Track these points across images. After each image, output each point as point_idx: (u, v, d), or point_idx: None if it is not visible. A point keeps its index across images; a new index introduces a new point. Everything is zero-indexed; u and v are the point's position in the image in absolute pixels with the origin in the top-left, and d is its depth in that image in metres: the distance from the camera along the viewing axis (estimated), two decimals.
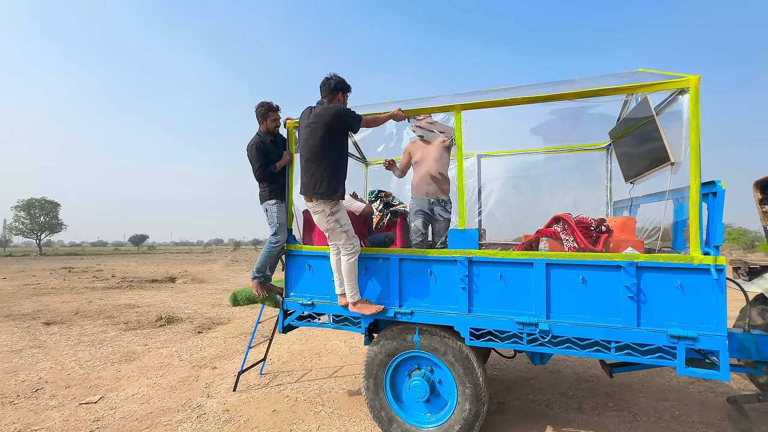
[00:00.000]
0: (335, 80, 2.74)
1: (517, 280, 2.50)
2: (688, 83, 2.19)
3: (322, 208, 2.69)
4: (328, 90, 2.75)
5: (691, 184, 2.17)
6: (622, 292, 2.27)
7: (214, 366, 4.60)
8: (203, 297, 10.13)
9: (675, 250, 2.54)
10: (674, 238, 2.66)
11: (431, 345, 2.70)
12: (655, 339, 2.19)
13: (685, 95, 2.27)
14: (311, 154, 2.67)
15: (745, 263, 3.18)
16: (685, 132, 2.35)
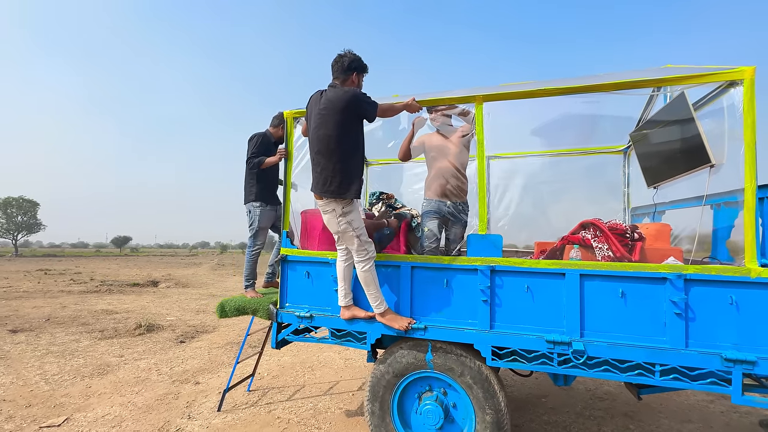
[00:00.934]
0: (349, 58, 2.40)
1: (546, 292, 2.21)
2: (741, 75, 1.96)
3: (332, 207, 2.35)
4: (341, 69, 2.40)
5: (746, 187, 1.93)
6: (667, 308, 2.01)
7: (197, 381, 4.20)
8: (187, 303, 9.62)
9: (719, 261, 2.30)
10: (714, 247, 2.42)
11: (446, 364, 2.39)
12: (707, 362, 1.93)
13: (735, 89, 2.04)
14: (321, 145, 2.33)
15: None
16: (729, 130, 2.12)
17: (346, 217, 2.35)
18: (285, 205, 2.78)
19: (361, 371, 4.55)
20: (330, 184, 2.31)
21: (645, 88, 2.16)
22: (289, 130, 2.80)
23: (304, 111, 2.76)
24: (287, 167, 2.79)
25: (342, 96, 2.29)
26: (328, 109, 2.31)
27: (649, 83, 2.14)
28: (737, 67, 1.98)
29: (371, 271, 2.37)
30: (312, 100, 2.48)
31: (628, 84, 2.17)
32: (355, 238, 2.37)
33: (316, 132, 2.36)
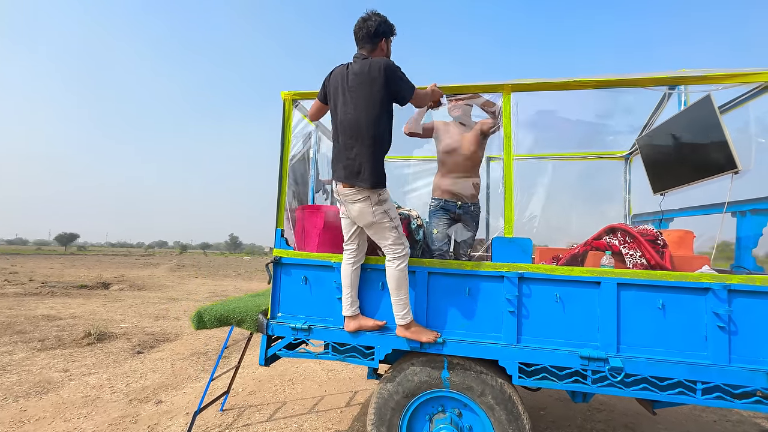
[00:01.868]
0: (375, 20, 2.04)
1: (578, 303, 2.02)
2: None
3: (366, 195, 2.01)
4: (367, 35, 2.05)
5: None
6: (709, 321, 1.87)
7: (159, 400, 3.66)
8: (144, 307, 8.76)
9: (747, 270, 2.21)
10: (738, 256, 2.34)
11: (464, 383, 2.13)
12: (752, 379, 1.80)
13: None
14: (354, 129, 2.00)
15: None
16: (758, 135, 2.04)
17: (383, 206, 2.04)
18: (279, 200, 2.41)
19: (347, 384, 4.20)
20: (364, 172, 1.99)
21: (682, 84, 2.05)
22: (286, 113, 2.44)
23: (305, 92, 2.42)
24: (283, 156, 2.43)
25: (375, 69, 1.96)
26: (361, 84, 1.98)
27: (690, 80, 2.02)
28: None
29: (405, 272, 2.07)
30: (335, 75, 2.12)
31: (665, 80, 2.04)
32: (393, 229, 2.07)
33: (346, 113, 2.03)
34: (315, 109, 2.30)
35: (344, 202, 2.10)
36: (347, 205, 2.09)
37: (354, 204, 2.05)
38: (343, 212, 2.20)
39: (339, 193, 2.11)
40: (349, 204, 2.08)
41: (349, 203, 2.07)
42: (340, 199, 2.12)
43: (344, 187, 2.06)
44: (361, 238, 2.21)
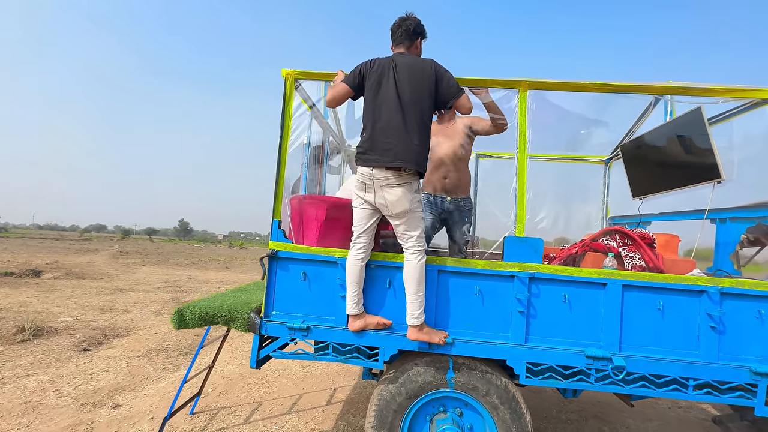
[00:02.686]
0: (413, 21, 2.13)
1: (584, 303, 2.05)
2: None
3: (409, 181, 2.01)
4: (406, 34, 2.14)
5: None
6: (702, 322, 1.98)
7: (116, 404, 3.30)
8: (86, 298, 7.91)
9: (727, 273, 2.38)
10: (716, 260, 2.52)
11: (470, 383, 2.10)
12: (737, 376, 1.94)
13: (764, 107, 2.09)
14: (412, 116, 1.99)
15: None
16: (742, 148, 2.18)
17: (419, 195, 2.08)
18: (277, 189, 2.20)
19: (324, 381, 4.06)
20: (413, 159, 1.98)
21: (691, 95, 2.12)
22: (287, 94, 2.22)
23: (309, 72, 2.22)
24: (282, 142, 2.21)
25: (428, 66, 2.04)
26: (423, 79, 2.02)
27: (694, 91, 2.10)
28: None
29: (424, 268, 2.02)
30: (379, 65, 2.07)
31: (674, 90, 2.11)
32: (422, 221, 2.06)
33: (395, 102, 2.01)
34: (339, 95, 2.14)
35: (381, 187, 1.99)
36: (385, 189, 1.98)
37: (395, 188, 1.98)
38: (362, 202, 2.05)
39: (375, 177, 1.98)
40: (388, 188, 1.98)
41: (389, 187, 1.98)
42: (374, 183, 2.00)
43: (387, 170, 1.97)
44: (373, 233, 2.09)
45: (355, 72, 2.10)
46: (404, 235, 2.02)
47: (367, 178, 2.00)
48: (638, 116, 3.29)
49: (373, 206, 2.04)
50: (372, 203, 2.03)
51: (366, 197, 2.04)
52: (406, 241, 2.02)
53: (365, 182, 2.02)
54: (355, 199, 2.09)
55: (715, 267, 2.53)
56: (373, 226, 2.07)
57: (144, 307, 7.40)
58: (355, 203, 2.09)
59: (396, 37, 2.16)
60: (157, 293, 9.19)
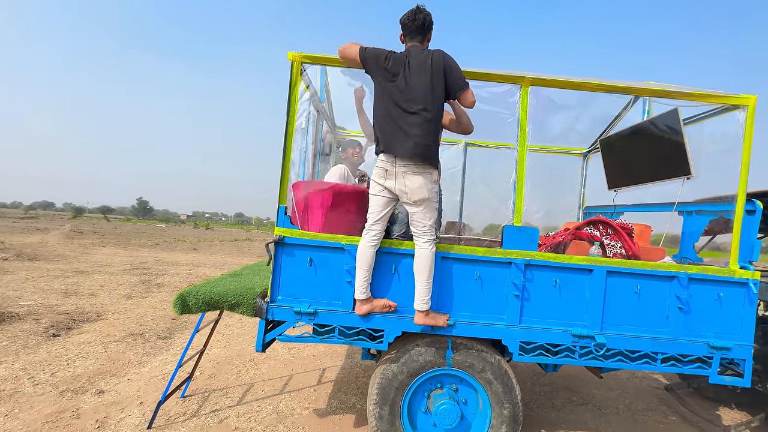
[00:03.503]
0: (425, 14, 2.15)
1: (572, 287, 2.25)
2: (746, 101, 2.23)
3: (429, 171, 2.09)
4: (419, 29, 2.16)
5: (738, 202, 2.24)
6: (671, 303, 2.24)
7: (100, 389, 3.21)
8: (45, 281, 7.43)
9: (691, 260, 2.67)
10: (682, 249, 2.81)
11: (467, 361, 2.26)
12: (697, 350, 2.23)
13: (733, 113, 2.32)
14: (431, 112, 2.05)
15: None
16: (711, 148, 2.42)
17: (436, 186, 2.16)
18: (283, 174, 2.19)
19: (312, 362, 4.15)
20: (431, 149, 2.07)
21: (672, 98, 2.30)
22: (294, 77, 2.18)
23: (316, 56, 2.19)
24: (289, 126, 2.18)
25: (443, 62, 2.08)
26: (435, 72, 2.05)
27: (677, 95, 2.29)
28: (744, 94, 2.24)
29: (434, 256, 2.11)
30: (399, 57, 2.11)
31: (660, 93, 2.29)
32: (436, 210, 2.13)
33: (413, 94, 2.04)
34: (349, 58, 2.17)
35: (403, 173, 2.04)
36: (407, 176, 2.03)
37: (416, 176, 2.04)
38: (380, 190, 2.09)
39: (398, 163, 2.04)
40: (410, 176, 2.03)
41: (411, 175, 2.04)
42: (396, 170, 2.04)
43: (409, 158, 2.02)
44: (386, 221, 2.15)
45: (374, 53, 2.11)
46: (419, 223, 2.10)
47: (390, 165, 2.05)
48: (617, 113, 3.51)
49: (392, 193, 2.09)
50: (392, 190, 2.08)
51: (386, 184, 2.08)
52: (420, 229, 2.10)
53: (387, 168, 2.06)
54: (374, 186, 2.12)
55: (680, 255, 2.82)
56: (388, 214, 2.13)
57: (112, 291, 7.07)
58: (373, 190, 2.13)
59: (409, 31, 2.17)
60: (124, 276, 8.78)
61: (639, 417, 3.35)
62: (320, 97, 3.13)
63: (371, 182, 2.18)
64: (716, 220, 2.65)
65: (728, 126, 2.38)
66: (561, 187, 4.29)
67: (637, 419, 3.31)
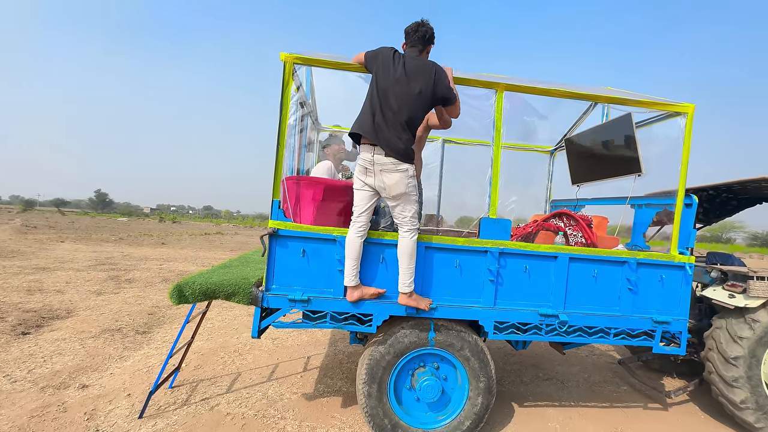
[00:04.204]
0: (428, 28, 2.35)
1: (540, 272, 2.52)
2: (686, 109, 2.57)
3: (405, 167, 2.25)
4: (420, 39, 2.35)
5: (678, 196, 2.59)
6: (623, 285, 2.57)
7: (83, 384, 3.21)
8: (3, 279, 7.04)
9: (641, 247, 3.03)
10: (633, 237, 3.17)
11: (447, 341, 2.49)
12: (643, 324, 2.57)
13: (678, 118, 2.66)
14: (403, 112, 2.21)
15: None
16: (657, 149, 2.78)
17: (413, 180, 2.30)
18: (276, 170, 2.30)
19: (296, 350, 4.28)
20: (407, 148, 2.24)
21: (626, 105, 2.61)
22: (286, 77, 2.29)
23: (307, 57, 2.31)
24: (281, 124, 2.29)
25: (432, 71, 2.25)
26: (422, 82, 2.19)
27: (626, 101, 2.60)
28: (684, 103, 2.58)
29: (416, 244, 2.30)
30: (383, 53, 2.27)
31: (615, 99, 2.60)
32: (415, 203, 2.29)
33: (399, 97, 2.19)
34: (359, 62, 2.38)
35: (381, 171, 2.19)
36: (384, 174, 2.19)
37: (393, 173, 2.20)
38: (362, 185, 2.25)
39: (376, 162, 2.17)
40: (387, 173, 2.19)
41: (388, 172, 2.20)
42: (374, 168, 2.18)
43: (387, 156, 2.18)
44: (371, 213, 2.32)
45: (374, 54, 2.30)
46: (400, 215, 2.28)
47: (369, 163, 2.21)
48: (579, 116, 3.84)
49: (373, 189, 2.25)
50: (372, 186, 2.24)
51: (367, 180, 2.24)
52: (401, 221, 2.29)
53: (366, 167, 2.22)
54: (356, 182, 2.28)
55: (632, 243, 3.19)
56: (372, 207, 2.30)
57: (80, 287, 6.82)
58: (356, 186, 2.29)
59: (410, 39, 2.36)
60: (90, 272, 8.44)
61: (596, 388, 3.76)
62: (306, 94, 3.23)
63: (354, 178, 2.34)
64: (662, 212, 3.02)
65: (672, 130, 2.72)
66: (530, 181, 4.62)
67: (595, 390, 3.71)
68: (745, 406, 2.77)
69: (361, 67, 2.37)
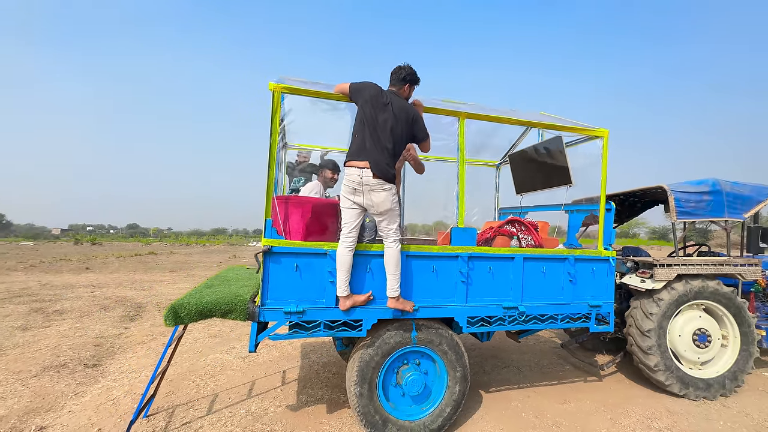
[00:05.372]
0: (406, 71, 2.70)
1: (501, 272, 2.96)
2: (602, 133, 3.22)
3: (389, 187, 2.53)
4: (398, 79, 2.70)
5: (601, 203, 3.21)
6: (565, 278, 3.11)
7: (40, 426, 2.98)
8: None
9: (575, 246, 3.64)
10: (568, 238, 3.79)
11: (428, 338, 2.80)
12: (582, 309, 3.13)
13: (596, 141, 3.31)
14: (389, 140, 2.51)
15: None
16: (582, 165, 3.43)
17: (396, 197, 2.62)
18: (268, 191, 2.45)
19: (270, 366, 4.29)
20: (390, 171, 2.53)
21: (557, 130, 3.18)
22: (275, 106, 2.46)
23: (294, 87, 2.52)
24: (271, 149, 2.46)
25: (412, 113, 2.61)
26: (401, 116, 2.52)
27: (558, 127, 3.19)
28: (600, 128, 3.23)
29: (399, 253, 2.57)
30: (370, 89, 2.56)
31: (547, 125, 3.18)
32: (398, 217, 2.56)
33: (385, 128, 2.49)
34: (342, 91, 2.65)
35: (369, 191, 2.44)
36: (372, 193, 2.44)
37: (380, 192, 2.47)
38: (350, 204, 2.48)
39: (365, 183, 2.41)
40: (375, 192, 2.45)
41: (375, 191, 2.46)
42: (363, 189, 2.42)
43: (374, 177, 2.44)
44: (359, 229, 2.56)
45: (360, 87, 2.58)
46: (386, 229, 2.56)
47: (357, 184, 2.46)
48: (519, 135, 4.47)
49: (361, 207, 2.51)
50: (361, 204, 2.49)
51: (355, 200, 2.49)
52: (386, 233, 2.56)
53: (355, 187, 2.47)
54: (345, 201, 2.51)
55: (568, 242, 3.81)
56: (360, 223, 2.55)
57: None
58: (344, 205, 2.52)
59: (392, 79, 2.70)
60: (6, 306, 7.42)
61: (545, 370, 4.33)
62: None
63: (341, 197, 2.58)
64: (589, 216, 3.68)
65: (594, 149, 3.36)
66: (480, 192, 5.18)
67: (545, 372, 4.28)
68: (658, 369, 3.47)
69: (342, 96, 2.63)
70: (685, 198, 3.61)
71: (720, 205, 3.68)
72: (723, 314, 3.70)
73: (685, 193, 3.62)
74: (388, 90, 2.67)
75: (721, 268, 3.67)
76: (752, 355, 3.66)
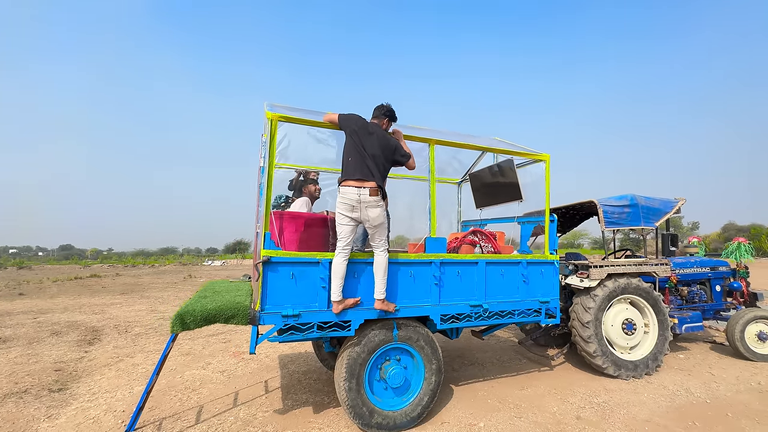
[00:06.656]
0: (386, 108, 3.20)
1: (468, 275, 3.44)
2: (544, 157, 3.89)
3: (383, 204, 2.92)
4: (380, 113, 3.19)
5: (546, 215, 3.85)
6: (519, 279, 3.66)
7: None
8: None
9: (527, 252, 4.25)
10: (521, 245, 4.40)
11: (407, 335, 3.19)
12: (534, 305, 3.69)
13: (540, 163, 3.97)
14: (381, 166, 2.92)
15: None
16: (529, 183, 4.08)
17: (386, 212, 2.94)
18: (266, 209, 2.75)
19: (250, 378, 4.42)
20: (383, 189, 2.98)
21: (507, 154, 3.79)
22: (272, 133, 2.80)
23: (291, 117, 2.87)
24: (269, 172, 2.77)
25: (393, 143, 3.05)
26: (383, 144, 2.98)
27: (506, 151, 3.80)
28: (542, 153, 3.89)
29: (388, 259, 2.93)
30: (357, 120, 2.98)
31: (498, 150, 3.78)
32: (387, 229, 2.91)
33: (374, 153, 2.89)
34: (332, 121, 3.03)
35: (366, 207, 2.79)
36: (368, 209, 2.80)
37: (375, 208, 2.83)
38: (348, 221, 2.83)
39: (362, 200, 2.77)
40: (370, 208, 2.81)
41: (371, 207, 2.82)
42: (360, 205, 2.78)
43: (371, 195, 2.80)
44: (353, 241, 2.92)
45: (348, 118, 2.98)
46: (377, 239, 2.94)
47: (355, 201, 2.82)
48: (477, 157, 5.11)
49: (357, 221, 2.87)
50: (357, 219, 2.86)
51: (353, 215, 2.85)
52: (377, 243, 2.94)
53: (353, 204, 2.83)
54: (341, 218, 2.86)
55: (521, 249, 4.42)
56: (354, 236, 2.90)
57: None
58: (341, 221, 2.86)
59: (375, 113, 3.17)
60: None
61: (506, 365, 4.86)
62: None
63: (338, 214, 2.93)
64: (537, 227, 4.32)
65: (539, 170, 4.02)
66: (444, 207, 5.73)
67: (505, 366, 4.80)
68: (596, 354, 4.11)
69: (331, 124, 3.03)
70: (611, 210, 4.38)
71: (637, 216, 4.50)
72: (644, 306, 4.47)
73: (610, 206, 4.39)
74: (371, 122, 3.10)
75: (641, 268, 4.47)
76: (667, 339, 4.44)
